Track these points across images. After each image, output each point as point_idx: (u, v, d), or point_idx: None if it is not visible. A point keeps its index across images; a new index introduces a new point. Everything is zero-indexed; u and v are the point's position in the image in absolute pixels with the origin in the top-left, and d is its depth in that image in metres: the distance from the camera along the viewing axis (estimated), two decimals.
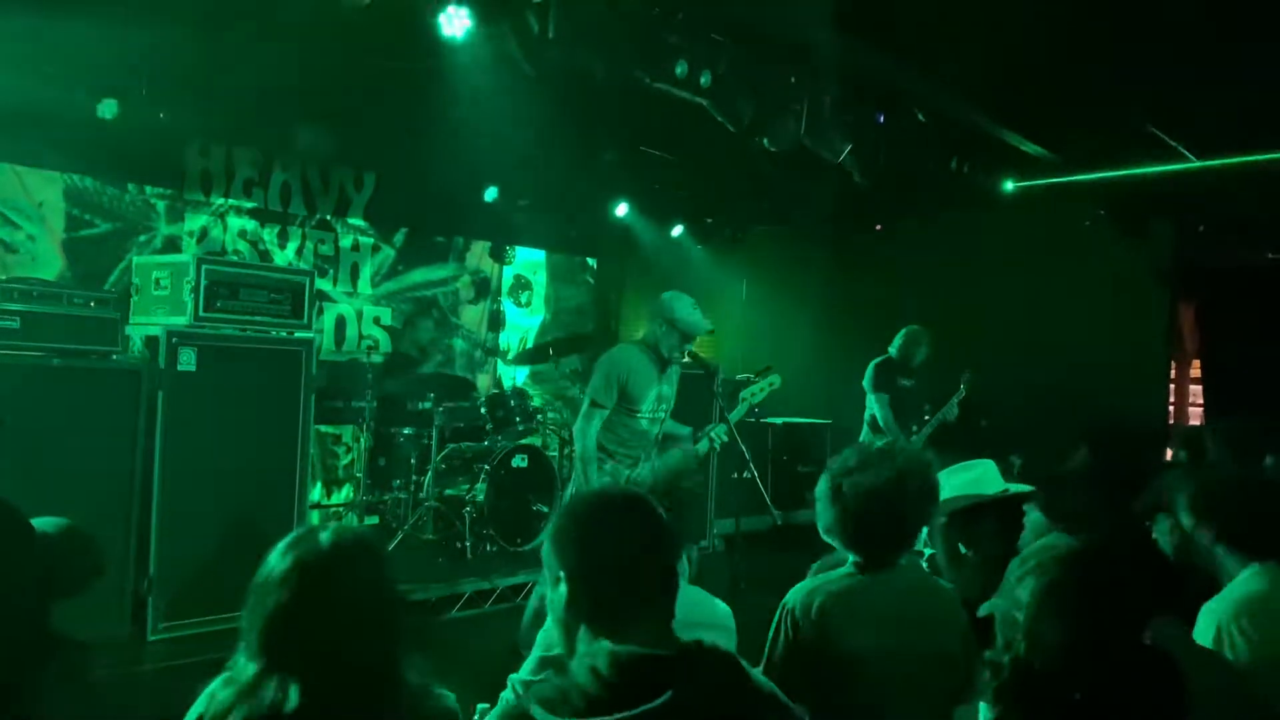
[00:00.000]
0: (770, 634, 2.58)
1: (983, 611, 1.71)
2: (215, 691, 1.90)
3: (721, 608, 2.74)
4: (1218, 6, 5.94)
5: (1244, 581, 2.67)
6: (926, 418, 7.47)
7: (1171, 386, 9.85)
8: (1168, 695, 1.45)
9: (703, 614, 2.67)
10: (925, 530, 2.94)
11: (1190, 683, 1.44)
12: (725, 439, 4.83)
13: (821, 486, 2.66)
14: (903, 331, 7.55)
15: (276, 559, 1.91)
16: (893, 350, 7.51)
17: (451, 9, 4.74)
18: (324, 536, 1.93)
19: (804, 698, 1.96)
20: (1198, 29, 6.18)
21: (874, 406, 7.33)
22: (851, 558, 2.63)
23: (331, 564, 1.89)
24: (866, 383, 7.38)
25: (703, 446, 4.84)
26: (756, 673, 1.90)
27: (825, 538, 2.69)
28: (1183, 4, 6.02)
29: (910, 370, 7.48)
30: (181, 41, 6.42)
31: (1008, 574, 1.55)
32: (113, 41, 6.35)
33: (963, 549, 3.02)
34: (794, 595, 2.58)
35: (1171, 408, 9.66)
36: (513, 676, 1.87)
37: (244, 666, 1.87)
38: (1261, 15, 5.97)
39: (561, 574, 1.84)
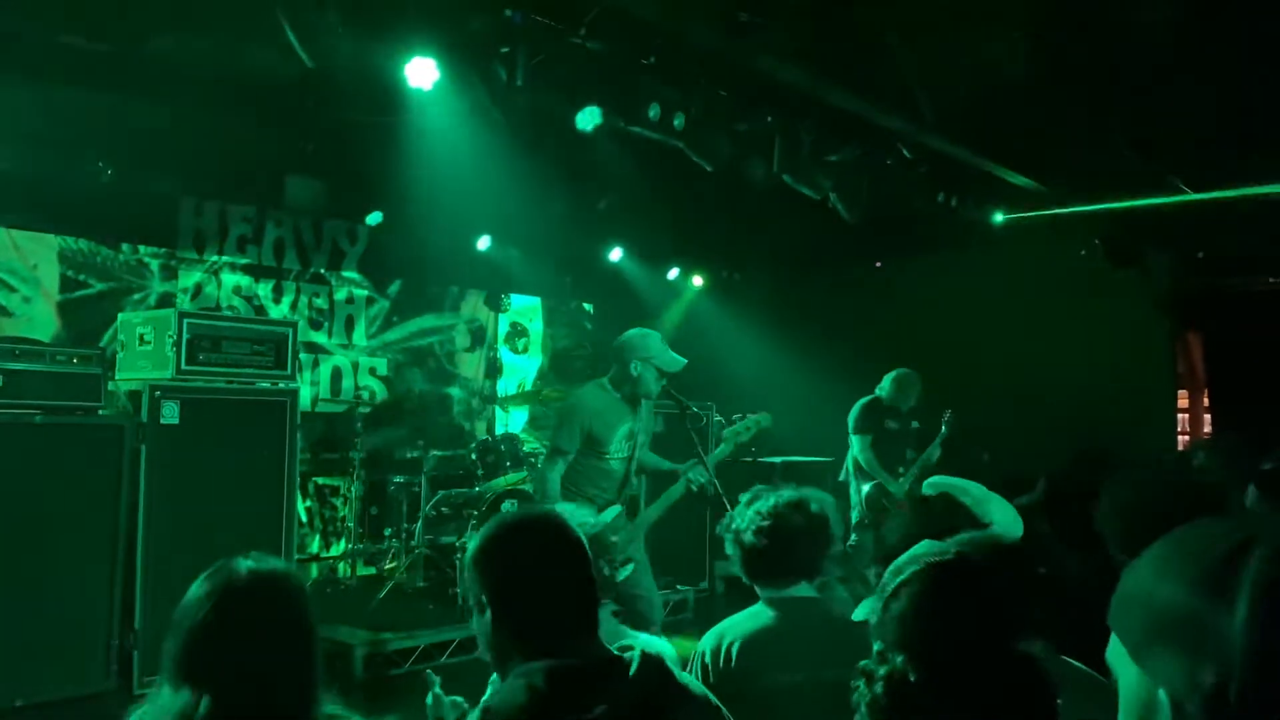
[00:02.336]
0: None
1: (858, 615, 1.69)
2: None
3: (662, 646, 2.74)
4: (1200, 36, 5.99)
5: None
6: (911, 457, 7.40)
7: (1185, 417, 9.77)
8: (1038, 708, 1.43)
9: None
10: None
11: (1062, 696, 1.42)
12: (704, 480, 4.76)
13: (721, 529, 2.78)
14: (893, 374, 7.44)
15: (196, 587, 1.94)
16: (881, 391, 7.42)
17: (417, 60, 4.80)
18: (242, 565, 1.96)
19: None
20: (1181, 56, 6.22)
21: (855, 448, 7.26)
22: (761, 594, 2.68)
23: (247, 591, 1.91)
24: (850, 423, 7.32)
25: (678, 490, 4.77)
26: (688, 676, 1.92)
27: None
28: (1165, 33, 6.08)
29: (898, 413, 7.41)
30: (170, 103, 6.60)
31: (883, 581, 1.54)
32: (104, 105, 6.53)
33: None
34: (706, 639, 2.62)
35: (1186, 438, 9.56)
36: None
37: (161, 692, 1.89)
38: (1244, 41, 6.02)
39: (484, 598, 1.86)
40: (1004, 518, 2.98)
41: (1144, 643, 0.87)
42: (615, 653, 1.84)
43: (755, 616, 2.61)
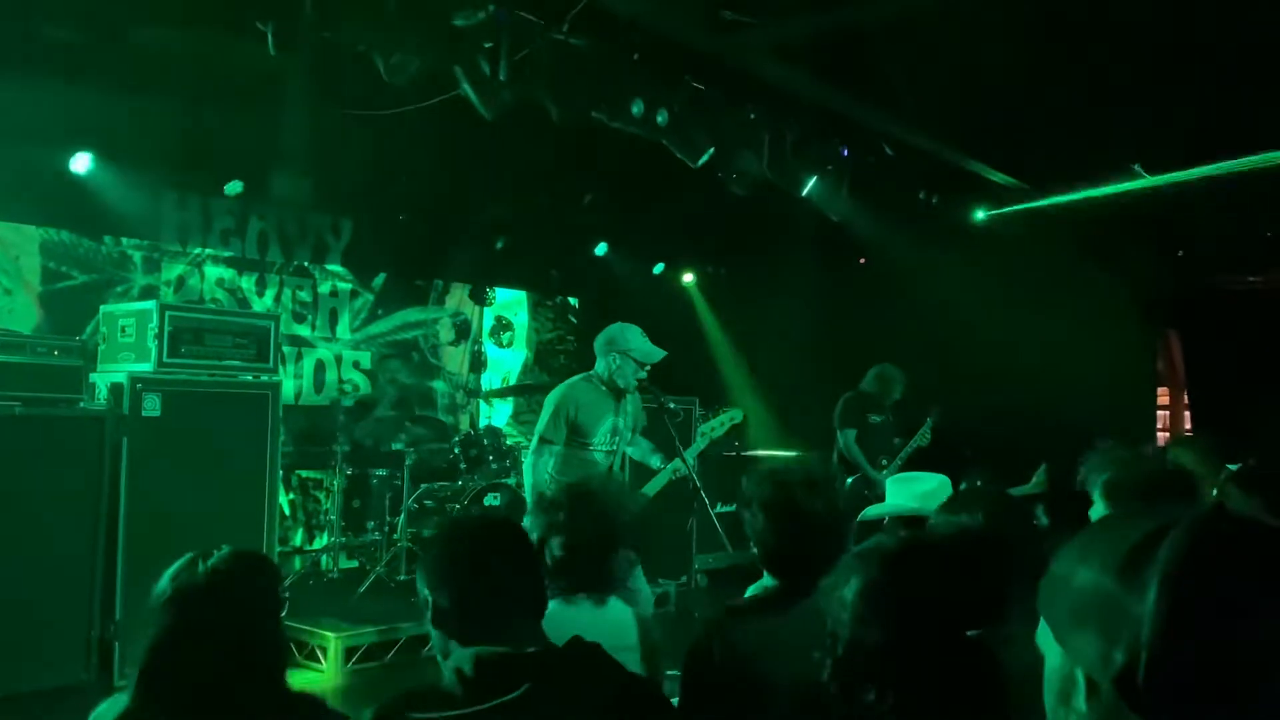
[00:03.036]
0: (684, 664, 2.59)
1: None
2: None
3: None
4: (1179, 33, 6.04)
5: None
6: (899, 445, 7.49)
7: (1166, 414, 9.86)
8: (987, 696, 1.47)
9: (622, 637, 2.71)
10: None
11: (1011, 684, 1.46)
12: (685, 471, 4.84)
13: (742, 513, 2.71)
14: (876, 368, 7.59)
15: (160, 586, 1.95)
16: (864, 386, 7.55)
17: (399, 58, 4.81)
18: (205, 563, 1.97)
19: None
20: (1162, 53, 6.27)
21: (840, 442, 7.37)
22: (770, 584, 2.65)
23: (208, 588, 1.93)
24: (835, 418, 7.41)
25: (658, 482, 4.85)
26: (625, 665, 1.96)
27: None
28: (1146, 29, 6.12)
29: (882, 407, 7.52)
30: (154, 95, 6.59)
31: (839, 567, 1.58)
32: (87, 96, 6.52)
33: None
34: (706, 626, 2.60)
35: (1167, 434, 9.65)
36: None
37: (123, 696, 1.91)
38: (1224, 40, 6.07)
39: (428, 595, 1.90)
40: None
41: (1065, 623, 0.91)
42: (556, 646, 1.88)
43: (762, 607, 2.56)
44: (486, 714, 1.66)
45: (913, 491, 3.31)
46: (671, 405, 4.76)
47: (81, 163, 6.73)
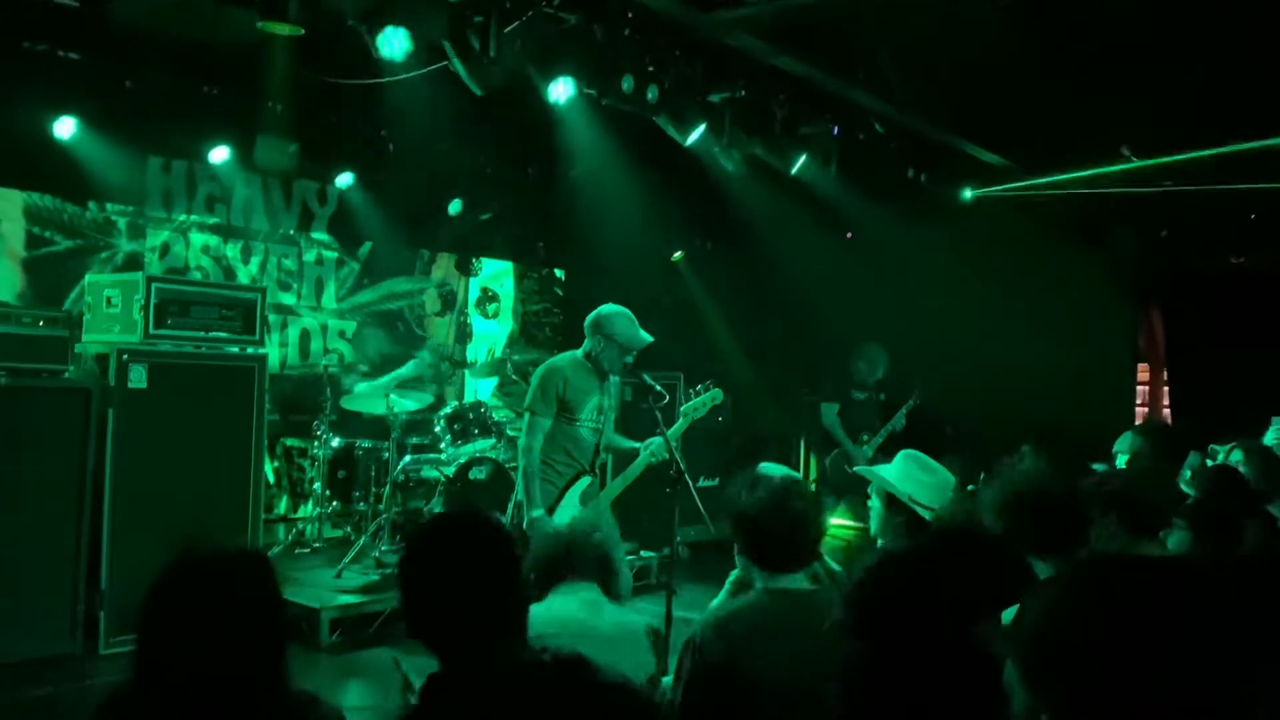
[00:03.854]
0: (677, 662, 2.63)
1: None
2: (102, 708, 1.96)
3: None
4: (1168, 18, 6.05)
5: None
6: (878, 425, 7.58)
7: (1146, 390, 9.95)
8: (986, 700, 1.50)
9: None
10: None
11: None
12: (664, 454, 4.85)
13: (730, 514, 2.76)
14: (862, 346, 7.69)
15: (161, 574, 1.97)
16: (850, 361, 7.65)
17: (390, 31, 4.78)
18: (204, 554, 1.98)
19: None
20: (1149, 37, 6.28)
21: (823, 416, 7.49)
22: (759, 583, 2.70)
23: (210, 578, 1.95)
24: (819, 390, 7.52)
25: (640, 464, 4.88)
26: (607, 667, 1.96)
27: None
28: (1134, 14, 6.13)
29: (865, 384, 7.61)
30: (139, 60, 6.52)
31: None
32: (71, 60, 6.45)
33: None
34: (701, 624, 2.64)
35: (1146, 410, 9.76)
36: None
37: (127, 684, 1.93)
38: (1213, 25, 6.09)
39: (401, 597, 1.92)
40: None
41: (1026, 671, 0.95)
42: (534, 654, 1.88)
43: (754, 604, 2.61)
44: None
45: (914, 474, 3.33)
46: (658, 388, 4.77)
47: (66, 127, 6.65)
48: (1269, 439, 5.46)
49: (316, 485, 7.38)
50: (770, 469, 3.68)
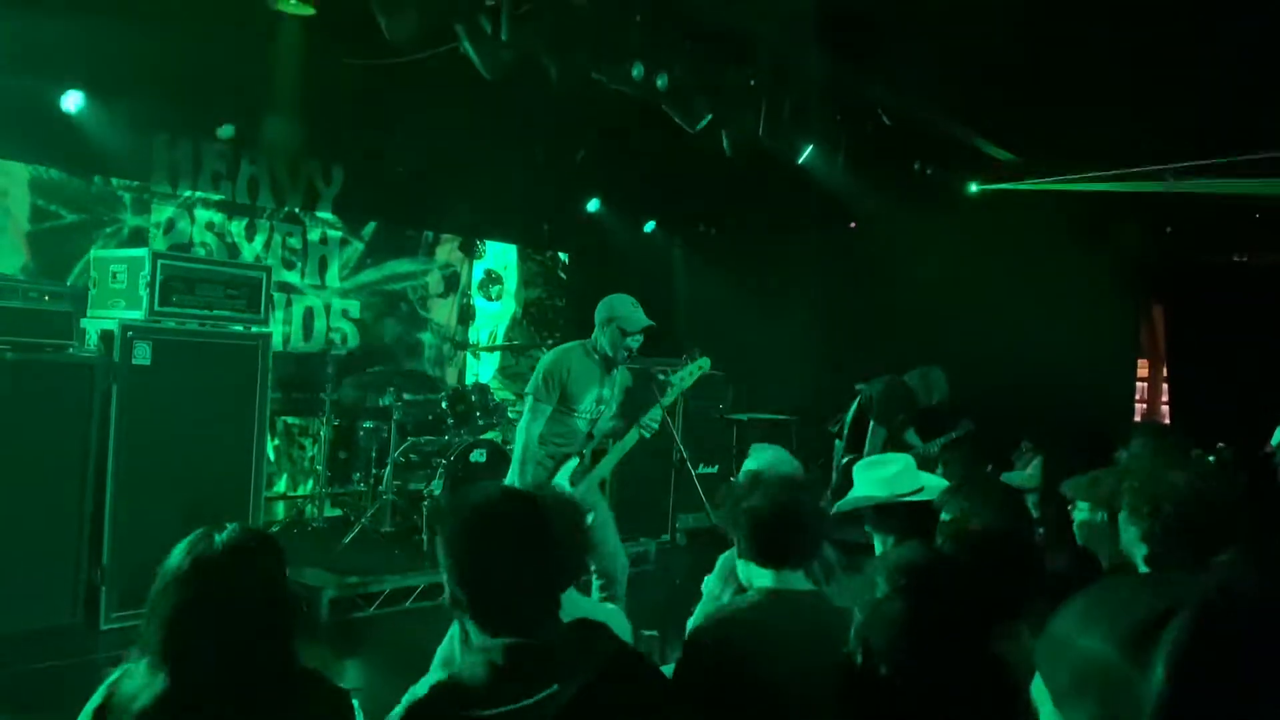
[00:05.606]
0: (676, 662, 2.63)
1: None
2: (113, 686, 1.98)
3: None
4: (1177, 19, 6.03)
5: None
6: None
7: (1145, 386, 9.98)
8: (1002, 708, 1.51)
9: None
10: None
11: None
12: (655, 426, 4.83)
13: (725, 512, 2.71)
14: (922, 369, 7.18)
15: (176, 558, 1.99)
16: (908, 379, 7.11)
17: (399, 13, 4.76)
18: (220, 537, 2.00)
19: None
20: (1157, 35, 6.26)
21: (870, 436, 6.94)
22: (757, 583, 2.68)
23: (228, 563, 1.97)
24: (875, 407, 7.00)
25: (631, 439, 4.86)
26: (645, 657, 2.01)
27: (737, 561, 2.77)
28: (1143, 13, 6.11)
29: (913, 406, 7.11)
30: (148, 35, 6.49)
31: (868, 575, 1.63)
32: (79, 33, 6.42)
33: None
34: (698, 622, 2.63)
35: (1145, 406, 9.79)
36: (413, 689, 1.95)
37: (141, 662, 1.95)
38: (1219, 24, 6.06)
39: (450, 581, 1.95)
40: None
41: (1064, 689, 0.95)
42: (573, 633, 1.94)
43: (753, 604, 2.56)
44: (527, 711, 1.71)
45: (878, 477, 3.27)
46: (661, 376, 4.77)
47: (72, 101, 6.65)
48: (1278, 440, 5.46)
49: (319, 465, 7.40)
50: (762, 449, 3.69)
